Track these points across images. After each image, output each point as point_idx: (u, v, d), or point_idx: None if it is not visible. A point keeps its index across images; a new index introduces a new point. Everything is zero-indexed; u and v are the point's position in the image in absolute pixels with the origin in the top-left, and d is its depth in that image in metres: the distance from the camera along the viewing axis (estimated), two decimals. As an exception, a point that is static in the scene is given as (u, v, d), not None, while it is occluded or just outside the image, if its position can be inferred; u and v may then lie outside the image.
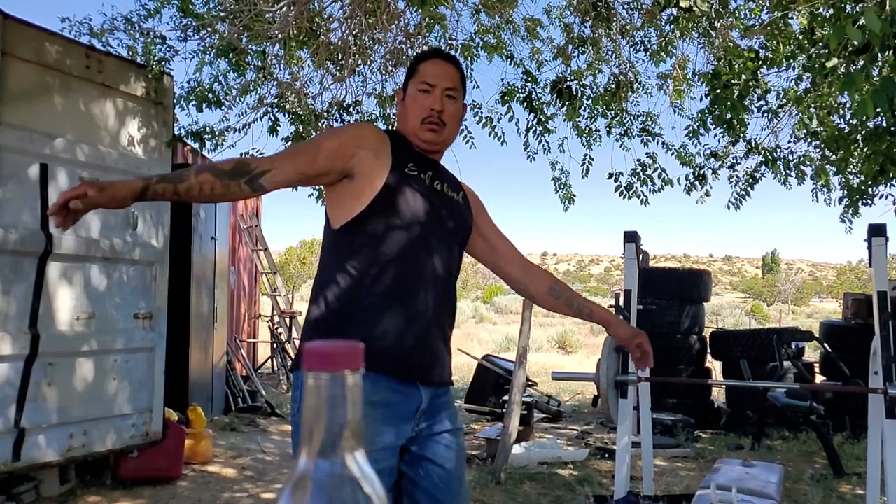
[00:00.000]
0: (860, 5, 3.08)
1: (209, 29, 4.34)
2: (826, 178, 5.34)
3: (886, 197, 5.33)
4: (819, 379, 6.85)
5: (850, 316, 6.98)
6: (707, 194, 5.10)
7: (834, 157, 4.99)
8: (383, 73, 4.97)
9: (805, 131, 4.91)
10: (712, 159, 5.02)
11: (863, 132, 4.39)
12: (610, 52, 4.86)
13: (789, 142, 5.16)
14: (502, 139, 5.18)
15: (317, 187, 5.37)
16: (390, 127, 4.28)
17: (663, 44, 4.61)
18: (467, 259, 2.04)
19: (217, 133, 4.67)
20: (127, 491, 3.99)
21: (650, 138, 5.05)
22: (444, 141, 1.85)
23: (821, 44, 3.82)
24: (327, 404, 0.46)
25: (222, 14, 4.34)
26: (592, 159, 5.14)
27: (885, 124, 4.13)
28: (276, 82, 4.82)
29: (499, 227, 2.02)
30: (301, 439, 0.47)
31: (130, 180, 1.59)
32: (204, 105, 4.48)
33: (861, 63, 3.15)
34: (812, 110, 4.59)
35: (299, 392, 1.60)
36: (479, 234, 1.96)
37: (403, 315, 1.68)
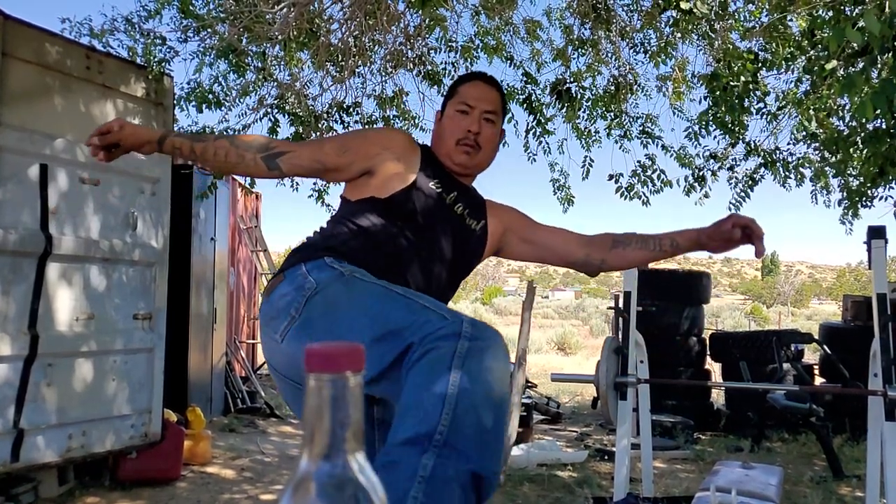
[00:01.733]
0: (859, 7, 3.09)
1: (209, 30, 4.35)
2: (825, 180, 5.35)
3: (886, 199, 5.34)
4: (818, 381, 6.85)
5: (849, 318, 6.99)
6: (706, 196, 5.10)
7: (833, 159, 4.99)
8: (383, 74, 4.98)
9: (804, 133, 4.91)
10: (711, 161, 5.03)
11: (862, 134, 4.39)
12: (609, 54, 4.86)
13: (788, 143, 5.17)
14: (504, 142, 5.18)
15: (316, 189, 5.39)
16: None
17: (662, 45, 4.61)
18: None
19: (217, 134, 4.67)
20: (126, 492, 3.99)
21: (649, 140, 5.05)
22: (476, 165, 1.81)
23: (820, 46, 3.82)
24: (329, 405, 0.46)
25: (222, 15, 4.34)
26: (593, 161, 5.15)
27: (884, 126, 4.13)
28: (275, 83, 4.82)
29: (545, 224, 1.94)
30: (302, 441, 0.48)
31: (150, 129, 1.66)
32: (204, 106, 4.48)
33: (860, 65, 3.15)
34: (811, 112, 4.60)
35: (299, 285, 1.49)
36: (525, 241, 1.91)
37: None
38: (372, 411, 1.57)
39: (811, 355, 9.31)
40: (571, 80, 4.86)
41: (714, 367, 7.89)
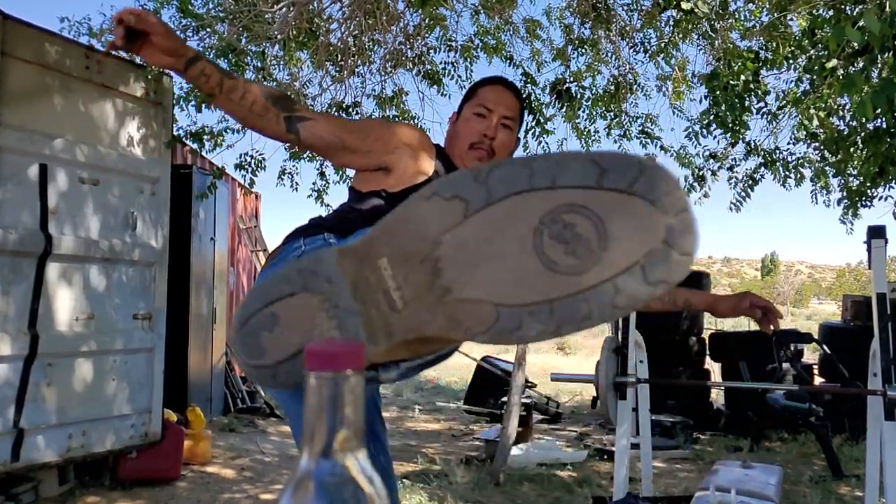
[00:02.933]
0: (860, 7, 3.09)
1: (209, 29, 4.35)
2: (825, 180, 5.34)
3: (885, 199, 5.33)
4: (818, 381, 6.85)
5: (849, 318, 6.99)
6: (706, 195, 5.10)
7: (833, 158, 4.99)
8: (382, 74, 4.98)
9: (805, 133, 4.91)
10: (711, 161, 5.03)
11: (862, 134, 4.39)
12: (609, 54, 4.86)
13: (788, 143, 5.17)
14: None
15: (315, 189, 5.38)
16: None
17: (662, 45, 4.61)
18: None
19: (216, 134, 4.67)
20: (126, 492, 3.99)
21: (649, 140, 5.05)
22: None
23: (820, 45, 3.82)
24: (329, 404, 0.46)
25: (222, 15, 4.34)
26: (592, 161, 5.15)
27: (884, 126, 4.13)
28: (275, 83, 4.82)
29: None
30: (303, 439, 0.47)
31: (185, 45, 1.45)
32: (203, 106, 4.48)
33: (861, 64, 3.15)
34: (811, 112, 4.60)
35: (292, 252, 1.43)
36: None
37: None
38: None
39: (811, 355, 9.31)
40: (571, 79, 4.86)
41: (713, 367, 7.88)
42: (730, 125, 4.34)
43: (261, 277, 1.49)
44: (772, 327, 1.97)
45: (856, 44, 2.68)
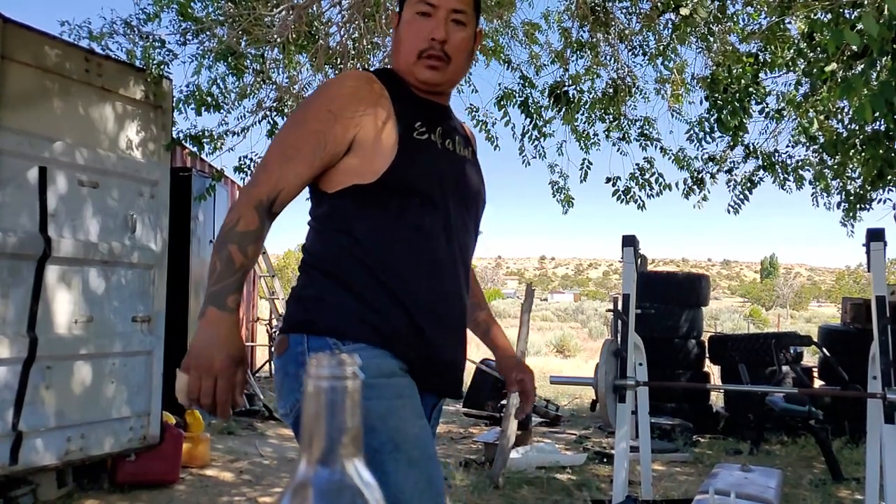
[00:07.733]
0: (858, 10, 3.09)
1: (208, 33, 4.35)
2: (825, 183, 5.35)
3: (884, 202, 5.34)
4: (817, 384, 6.85)
5: (848, 320, 6.99)
6: (704, 199, 5.11)
7: (832, 161, 4.99)
8: (382, 77, 4.98)
9: (804, 136, 4.92)
10: (710, 163, 5.03)
11: (861, 137, 4.40)
12: (608, 57, 4.86)
13: (788, 146, 5.18)
14: (496, 144, 5.22)
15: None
16: None
17: (661, 48, 4.61)
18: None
19: (216, 137, 4.67)
20: (124, 495, 3.98)
21: (648, 143, 5.05)
22: (447, 81, 1.47)
23: (819, 48, 3.83)
24: (327, 410, 0.46)
25: (221, 18, 4.35)
26: (591, 163, 5.15)
27: (883, 129, 4.13)
28: (274, 86, 4.82)
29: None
30: (301, 446, 0.47)
31: (236, 338, 1.32)
32: (203, 109, 4.48)
33: (859, 67, 3.16)
34: (811, 115, 4.61)
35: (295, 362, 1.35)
36: None
37: (434, 318, 1.42)
38: None
39: (810, 358, 9.31)
40: (570, 82, 4.86)
41: (713, 370, 7.89)
42: (732, 126, 4.33)
43: (277, 365, 1.42)
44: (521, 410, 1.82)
45: (854, 47, 2.69)
